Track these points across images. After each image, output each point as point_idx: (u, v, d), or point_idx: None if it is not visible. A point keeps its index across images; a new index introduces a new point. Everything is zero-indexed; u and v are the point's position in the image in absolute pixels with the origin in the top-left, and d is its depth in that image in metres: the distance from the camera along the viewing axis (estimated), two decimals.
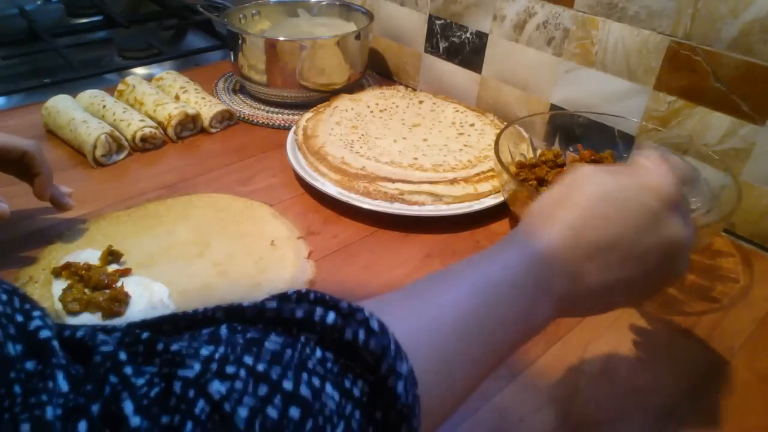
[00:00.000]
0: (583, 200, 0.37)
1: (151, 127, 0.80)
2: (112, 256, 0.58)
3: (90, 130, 0.75)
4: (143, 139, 0.79)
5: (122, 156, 0.78)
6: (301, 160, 0.75)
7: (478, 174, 0.71)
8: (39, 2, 1.31)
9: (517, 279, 0.34)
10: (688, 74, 0.67)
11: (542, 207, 0.38)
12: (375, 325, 0.26)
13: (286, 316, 0.27)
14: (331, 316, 0.26)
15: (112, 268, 0.58)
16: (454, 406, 0.32)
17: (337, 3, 1.01)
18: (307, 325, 0.26)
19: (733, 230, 0.69)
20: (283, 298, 0.28)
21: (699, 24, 0.65)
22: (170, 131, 0.81)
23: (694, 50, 0.66)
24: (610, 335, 0.55)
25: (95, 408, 0.21)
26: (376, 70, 1.06)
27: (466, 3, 0.87)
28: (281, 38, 0.87)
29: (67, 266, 0.56)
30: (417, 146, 0.76)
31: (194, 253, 0.61)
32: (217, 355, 0.23)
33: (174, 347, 0.23)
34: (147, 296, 0.54)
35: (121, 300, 0.53)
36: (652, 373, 0.52)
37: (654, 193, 0.37)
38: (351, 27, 0.97)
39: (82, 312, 0.53)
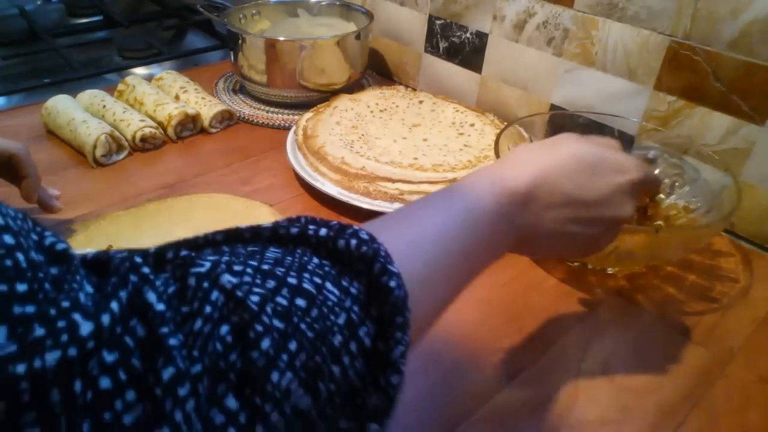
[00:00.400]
0: (563, 155, 0.42)
1: (151, 127, 0.80)
2: None
3: (90, 130, 0.75)
4: (143, 139, 0.79)
5: (122, 156, 0.78)
6: (301, 160, 0.75)
7: None
8: (39, 2, 1.31)
9: (489, 207, 0.39)
10: (688, 74, 0.67)
11: (523, 151, 0.43)
12: (365, 235, 0.29)
13: (282, 233, 0.29)
14: (323, 230, 0.29)
15: None
16: (432, 321, 0.35)
17: (337, 3, 1.01)
18: (301, 240, 0.29)
19: (733, 230, 0.69)
20: (275, 223, 0.31)
21: (699, 24, 0.65)
22: (170, 131, 0.81)
23: (694, 50, 0.66)
24: (610, 335, 0.55)
25: (123, 294, 0.22)
26: (376, 70, 1.06)
27: (466, 3, 0.87)
28: (281, 38, 0.87)
29: None
30: (417, 146, 0.76)
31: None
32: (223, 259, 0.26)
33: (183, 253, 0.26)
34: None
35: None
36: (651, 373, 0.52)
37: (627, 176, 0.43)
38: (351, 27, 0.97)
39: None
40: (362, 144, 0.76)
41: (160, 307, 0.22)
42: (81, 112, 0.79)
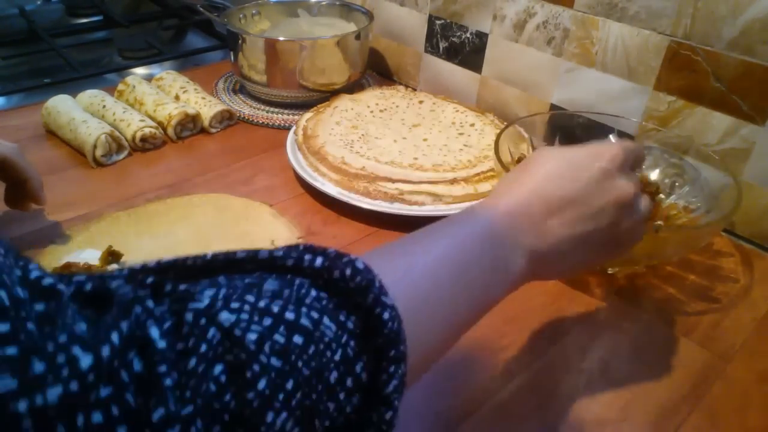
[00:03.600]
0: (538, 170, 0.42)
1: (151, 127, 0.80)
2: (112, 256, 0.58)
3: (90, 130, 0.75)
4: (143, 139, 0.79)
5: (122, 156, 0.78)
6: (301, 160, 0.75)
7: (478, 174, 0.71)
8: (39, 2, 1.31)
9: (487, 233, 0.38)
10: (688, 74, 0.67)
11: (508, 177, 0.44)
12: (360, 265, 0.29)
13: (278, 264, 0.29)
14: (319, 260, 0.29)
15: (112, 268, 0.58)
16: (434, 355, 0.35)
17: (337, 3, 1.01)
18: (298, 271, 0.29)
19: (733, 230, 0.69)
20: (272, 250, 0.30)
21: (699, 24, 0.65)
22: (170, 131, 0.81)
23: (694, 50, 0.66)
24: (610, 335, 0.55)
25: (124, 325, 0.22)
26: (376, 70, 1.06)
27: (466, 3, 0.87)
28: (281, 38, 0.87)
29: (67, 266, 0.56)
30: (417, 146, 0.76)
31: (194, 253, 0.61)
32: (221, 294, 0.26)
33: (181, 287, 0.25)
34: None
35: None
36: (652, 373, 0.52)
37: (604, 157, 0.43)
38: (351, 27, 0.97)
39: None
40: (362, 144, 0.76)
41: (162, 344, 0.22)
42: (81, 112, 0.79)
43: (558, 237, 0.40)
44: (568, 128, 0.73)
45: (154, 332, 0.22)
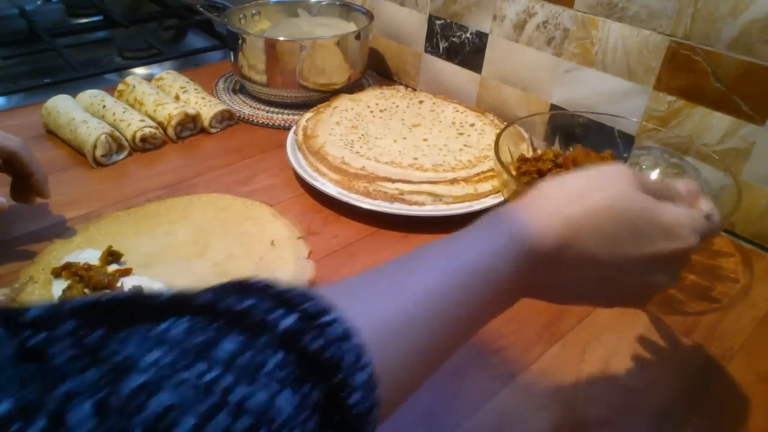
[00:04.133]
0: (600, 205, 0.35)
1: (151, 127, 0.80)
2: (112, 256, 0.58)
3: (90, 130, 0.75)
4: (143, 139, 0.79)
5: (122, 156, 0.78)
6: (301, 160, 0.75)
7: (478, 174, 0.71)
8: (39, 2, 1.31)
9: (503, 268, 0.33)
10: (688, 74, 0.67)
11: (553, 192, 0.37)
12: (337, 331, 0.26)
13: (247, 320, 0.26)
14: (289, 320, 0.25)
15: (112, 268, 0.58)
16: (418, 387, 0.32)
17: (337, 3, 1.01)
18: (268, 329, 0.25)
19: (733, 230, 0.69)
20: (243, 290, 0.27)
21: (699, 24, 0.65)
22: (170, 131, 0.81)
23: (694, 50, 0.66)
24: (610, 335, 0.55)
25: (49, 402, 0.20)
26: (376, 70, 1.06)
27: (466, 3, 0.87)
28: (281, 38, 0.87)
29: (67, 266, 0.56)
30: (417, 146, 0.76)
31: (194, 253, 0.61)
32: (166, 360, 0.23)
33: (128, 351, 0.23)
34: None
35: None
36: (651, 373, 0.52)
37: (673, 244, 0.36)
38: (351, 27, 0.97)
39: None
40: (362, 144, 0.76)
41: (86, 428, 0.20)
42: (81, 112, 0.79)
43: (568, 289, 0.37)
44: (568, 128, 0.73)
45: (78, 415, 0.20)
